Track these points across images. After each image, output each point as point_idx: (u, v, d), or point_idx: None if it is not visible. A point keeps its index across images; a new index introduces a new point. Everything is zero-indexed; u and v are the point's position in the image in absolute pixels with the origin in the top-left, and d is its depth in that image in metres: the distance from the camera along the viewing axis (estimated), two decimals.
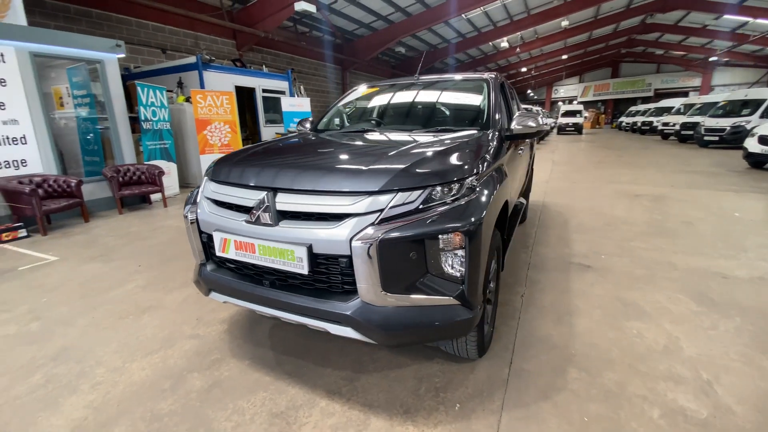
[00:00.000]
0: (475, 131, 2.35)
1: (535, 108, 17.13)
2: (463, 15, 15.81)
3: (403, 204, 1.47)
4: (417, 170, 1.56)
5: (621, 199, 5.86)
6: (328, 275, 1.55)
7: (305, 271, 1.49)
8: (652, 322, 2.39)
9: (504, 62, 28.87)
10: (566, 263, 3.39)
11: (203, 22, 10.51)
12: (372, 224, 1.43)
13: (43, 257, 3.88)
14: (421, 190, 1.50)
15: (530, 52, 25.95)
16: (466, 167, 1.65)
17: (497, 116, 2.51)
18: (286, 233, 1.52)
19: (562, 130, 24.15)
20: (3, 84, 4.70)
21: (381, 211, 1.45)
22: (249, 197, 1.66)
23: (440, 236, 1.46)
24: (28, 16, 7.49)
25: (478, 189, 1.64)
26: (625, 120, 26.00)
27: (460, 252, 1.49)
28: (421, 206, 1.49)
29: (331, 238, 1.45)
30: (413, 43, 19.56)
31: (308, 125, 3.10)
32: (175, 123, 7.76)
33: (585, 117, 26.38)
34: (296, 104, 9.71)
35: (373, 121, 2.93)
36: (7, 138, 4.80)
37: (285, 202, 1.57)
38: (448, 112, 2.81)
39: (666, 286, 2.90)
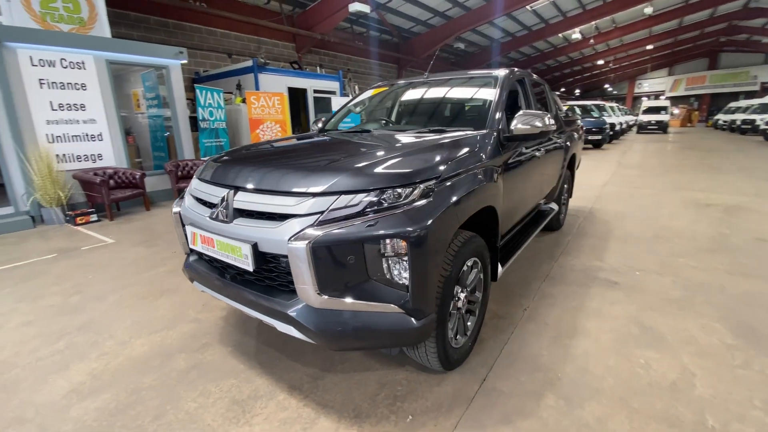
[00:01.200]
0: (468, 132, 2.22)
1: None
2: (528, 6, 14.93)
3: (345, 207, 1.45)
4: (363, 173, 1.52)
5: (687, 208, 5.13)
6: (275, 273, 1.58)
7: (250, 267, 1.53)
8: (669, 353, 2.07)
9: (577, 54, 26.72)
10: (591, 277, 3.06)
11: (265, 27, 11.23)
12: (310, 226, 1.43)
13: (104, 240, 4.46)
14: (365, 194, 1.46)
15: (607, 42, 23.69)
16: (421, 171, 1.57)
17: (497, 116, 2.34)
18: (237, 230, 1.58)
19: (643, 128, 21.74)
20: (84, 88, 5.48)
21: (321, 213, 1.44)
22: (215, 194, 1.75)
23: (380, 242, 1.41)
24: (114, 27, 8.61)
25: (434, 194, 1.55)
26: (722, 117, 22.62)
27: (404, 259, 1.43)
28: (365, 210, 1.45)
29: (273, 237, 1.47)
30: (473, 38, 18.94)
31: (319, 125, 3.17)
32: (233, 122, 8.40)
33: (672, 114, 23.47)
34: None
35: (372, 122, 2.91)
36: (87, 135, 5.59)
37: (240, 200, 1.63)
38: (448, 112, 2.70)
39: (703, 312, 2.49)
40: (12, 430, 1.68)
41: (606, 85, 36.86)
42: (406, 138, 2.14)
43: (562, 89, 35.86)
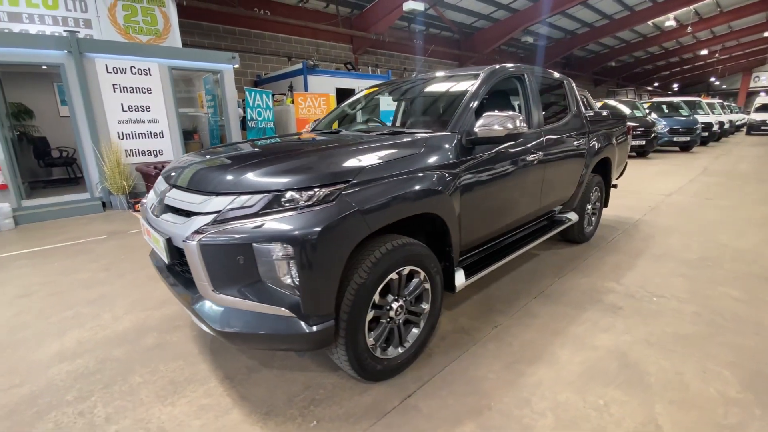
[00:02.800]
0: (424, 134, 2.10)
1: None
2: None
3: (242, 207, 1.47)
4: (263, 175, 1.53)
5: (762, 227, 4.26)
6: (187, 267, 1.66)
7: (166, 260, 1.64)
8: (640, 398, 1.76)
9: (673, 44, 23.45)
10: (593, 300, 2.71)
11: (323, 30, 11.71)
12: (206, 224, 1.48)
13: None
14: (262, 195, 1.47)
15: (712, 29, 20.40)
16: (327, 174, 1.54)
17: (463, 117, 2.17)
18: (161, 224, 1.70)
19: (754, 129, 18.43)
20: (149, 92, 6.25)
21: (218, 212, 1.49)
22: (160, 190, 1.90)
23: (268, 244, 1.41)
24: (188, 36, 9.64)
25: (339, 198, 1.50)
26: None
27: (292, 263, 1.42)
28: (259, 211, 1.46)
29: (179, 233, 1.56)
30: (544, 31, 17.64)
31: (311, 126, 3.24)
32: (282, 122, 8.93)
33: None
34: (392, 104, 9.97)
35: (348, 123, 2.89)
36: (150, 133, 6.38)
37: (169, 196, 1.75)
38: (420, 113, 2.57)
39: (715, 354, 2.06)
40: (2, 378, 2.01)
41: (712, 79, 31.79)
42: (344, 140, 2.10)
43: (656, 84, 31.73)
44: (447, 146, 2.04)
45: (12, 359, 2.18)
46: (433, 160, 1.94)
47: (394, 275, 1.78)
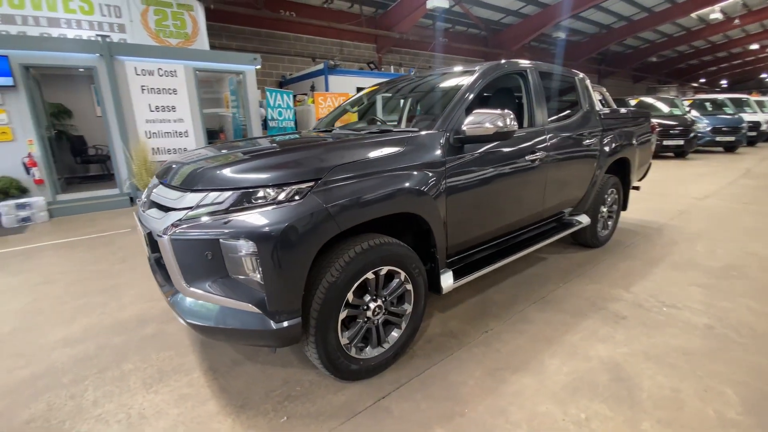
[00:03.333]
0: (409, 133, 2.06)
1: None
2: None
3: (212, 204, 1.50)
4: (233, 172, 1.55)
5: None
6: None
7: (148, 253, 1.70)
8: (627, 414, 1.65)
9: (720, 38, 21.86)
10: (596, 307, 2.57)
11: (347, 30, 11.81)
12: (179, 220, 1.52)
13: None
14: (231, 192, 1.50)
15: (763, 22, 18.84)
16: (296, 173, 1.54)
17: (452, 116, 2.11)
18: (146, 219, 1.76)
19: None
20: (175, 92, 6.53)
21: (190, 208, 1.53)
22: (151, 185, 1.98)
23: (234, 240, 1.43)
24: (217, 39, 9.98)
25: (307, 196, 1.51)
26: None
27: (256, 260, 1.43)
28: (229, 208, 1.49)
29: (157, 227, 1.61)
30: (578, 26, 16.97)
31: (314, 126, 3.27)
32: (304, 122, 9.08)
33: None
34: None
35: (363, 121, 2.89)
36: (176, 132, 6.67)
37: (155, 192, 1.81)
38: (413, 111, 2.52)
39: (720, 371, 1.90)
40: (10, 360, 2.17)
41: (763, 75, 29.38)
42: (323, 140, 2.09)
43: (701, 80, 29.68)
44: (432, 145, 2.00)
45: (22, 342, 2.34)
46: (415, 159, 1.90)
47: (370, 275, 1.77)
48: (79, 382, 1.96)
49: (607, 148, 3.32)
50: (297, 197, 1.50)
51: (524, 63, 2.71)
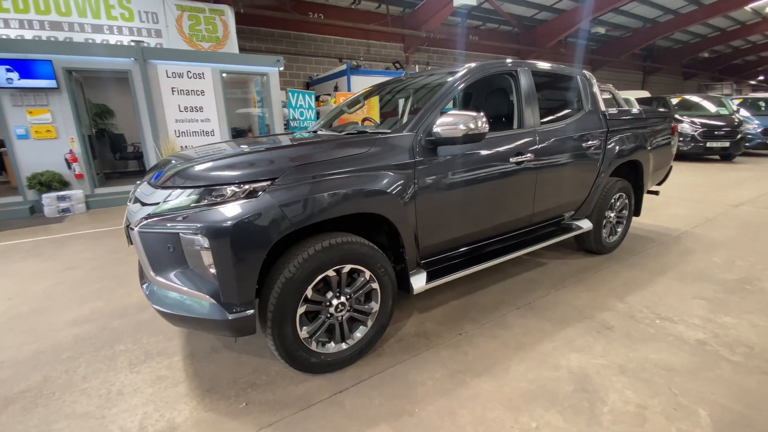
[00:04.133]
0: (380, 134, 2.09)
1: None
2: None
3: (176, 200, 1.62)
4: (197, 171, 1.65)
5: None
6: None
7: (128, 243, 1.85)
8: (581, 428, 1.59)
9: None
10: (582, 316, 2.48)
11: (374, 30, 11.91)
12: (149, 214, 1.65)
13: None
14: (192, 190, 1.61)
15: None
16: (253, 172, 1.62)
17: (428, 117, 2.12)
18: (128, 212, 1.91)
19: None
20: (203, 94, 6.90)
21: (158, 204, 1.65)
22: (139, 182, 2.14)
23: (190, 235, 1.54)
24: (247, 41, 10.38)
25: (262, 194, 1.59)
26: None
27: (209, 254, 1.53)
28: (190, 204, 1.60)
29: (132, 220, 1.75)
30: (619, 20, 16.07)
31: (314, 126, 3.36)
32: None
33: None
34: None
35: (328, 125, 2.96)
36: (203, 131, 7.04)
37: (139, 188, 1.97)
38: (406, 112, 2.54)
39: (699, 390, 1.79)
40: (22, 335, 2.42)
41: None
42: (298, 140, 2.17)
43: (760, 78, 27.09)
44: (401, 147, 2.02)
45: (36, 321, 2.60)
46: (380, 160, 1.93)
47: (331, 272, 1.82)
48: (76, 358, 2.17)
49: (612, 151, 3.17)
50: (252, 196, 1.58)
51: (513, 63, 2.65)
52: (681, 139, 9.60)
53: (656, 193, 4.20)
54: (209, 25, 8.46)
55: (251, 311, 1.63)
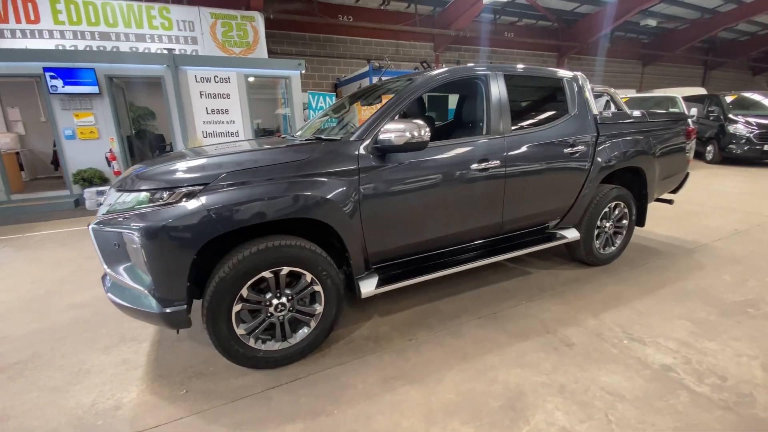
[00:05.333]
0: (323, 142, 2.14)
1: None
2: None
3: (123, 202, 1.79)
4: (142, 176, 1.81)
5: None
6: None
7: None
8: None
9: None
10: (544, 330, 2.38)
11: (402, 31, 11.92)
12: (103, 214, 1.84)
13: None
14: (137, 193, 1.76)
15: None
16: (187, 178, 1.75)
17: (376, 125, 2.14)
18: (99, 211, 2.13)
19: None
20: (229, 97, 7.32)
21: (111, 205, 1.83)
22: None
23: (131, 234, 1.70)
24: (278, 45, 10.80)
25: (194, 198, 1.71)
26: None
27: (144, 251, 1.68)
28: (135, 206, 1.76)
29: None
30: (673, 11, 14.76)
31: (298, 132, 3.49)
32: (347, 121, 9.45)
33: None
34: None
35: (308, 130, 3.04)
36: (228, 132, 7.47)
37: (107, 192, 2.18)
38: (352, 121, 2.57)
39: (642, 419, 1.67)
40: (29, 315, 2.76)
41: None
42: (251, 146, 2.28)
43: None
44: (345, 154, 2.06)
45: (43, 304, 2.95)
46: (321, 167, 1.99)
47: (268, 274, 1.92)
48: (64, 339, 2.45)
49: (602, 156, 2.98)
50: (184, 200, 1.71)
51: (480, 68, 2.58)
52: (734, 141, 8.71)
53: (670, 201, 3.88)
54: (240, 31, 8.93)
55: (183, 307, 1.76)
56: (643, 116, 3.31)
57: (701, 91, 11.59)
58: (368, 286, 2.23)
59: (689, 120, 3.67)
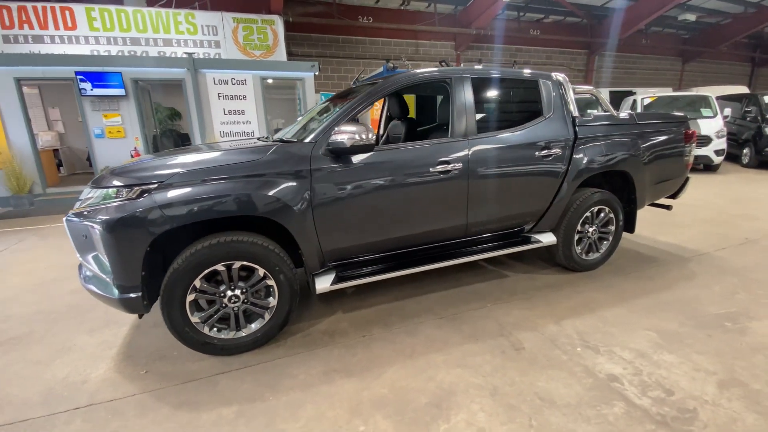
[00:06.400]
0: (279, 143, 2.26)
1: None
2: None
3: (92, 198, 1.99)
4: (111, 174, 2.00)
5: None
6: None
7: None
8: None
9: None
10: (499, 334, 2.38)
11: (422, 31, 11.91)
12: (77, 207, 2.05)
13: None
14: (103, 190, 1.95)
15: None
16: (143, 176, 1.92)
17: (330, 128, 2.23)
18: None
19: None
20: (245, 98, 7.64)
21: (82, 201, 2.04)
22: None
23: (94, 226, 1.89)
24: (299, 47, 11.11)
25: (147, 195, 1.88)
26: None
27: (103, 242, 1.87)
28: (101, 202, 1.95)
29: None
30: (713, 5, 13.80)
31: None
32: (361, 121, 9.58)
33: None
34: None
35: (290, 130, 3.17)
36: (244, 132, 7.80)
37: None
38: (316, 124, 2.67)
39: (567, 427, 1.67)
40: (35, 297, 3.08)
41: None
42: (214, 147, 2.43)
43: None
44: (299, 154, 2.17)
45: (47, 288, 3.27)
46: (277, 167, 2.11)
47: (220, 267, 2.06)
48: (58, 321, 2.72)
49: (580, 159, 2.92)
50: (138, 197, 1.88)
51: (444, 72, 2.60)
52: None
53: (668, 207, 3.71)
54: (261, 35, 9.29)
55: (138, 294, 1.94)
56: (631, 118, 3.19)
57: (742, 90, 10.78)
58: (323, 283, 2.33)
59: (690, 122, 3.49)
